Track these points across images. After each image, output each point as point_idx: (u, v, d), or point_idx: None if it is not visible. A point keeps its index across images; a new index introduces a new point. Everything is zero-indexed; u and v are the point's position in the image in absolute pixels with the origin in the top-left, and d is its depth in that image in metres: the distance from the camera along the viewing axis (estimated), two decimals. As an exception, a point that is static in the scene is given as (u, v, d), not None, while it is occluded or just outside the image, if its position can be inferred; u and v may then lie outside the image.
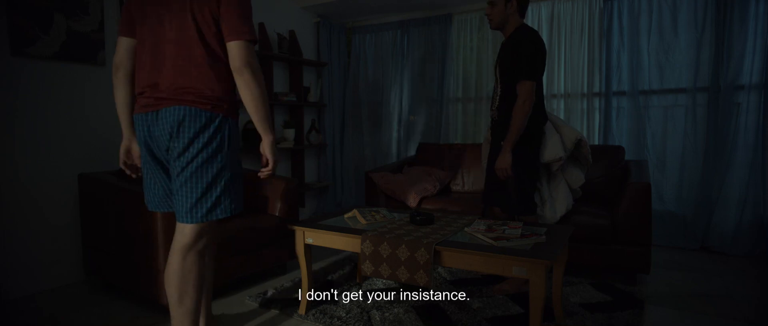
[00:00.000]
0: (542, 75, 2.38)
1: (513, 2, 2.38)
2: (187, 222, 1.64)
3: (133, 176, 1.86)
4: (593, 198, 3.01)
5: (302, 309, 2.26)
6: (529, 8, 3.89)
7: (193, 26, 1.59)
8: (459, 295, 2.45)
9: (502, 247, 1.80)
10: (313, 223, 2.28)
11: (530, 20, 3.90)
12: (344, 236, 2.09)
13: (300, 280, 2.71)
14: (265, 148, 1.73)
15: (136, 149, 1.82)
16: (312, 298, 2.38)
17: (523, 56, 2.29)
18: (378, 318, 2.17)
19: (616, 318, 2.15)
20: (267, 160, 1.75)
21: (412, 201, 3.23)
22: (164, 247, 2.15)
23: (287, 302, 2.40)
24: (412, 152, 4.51)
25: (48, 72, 2.64)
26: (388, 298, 2.42)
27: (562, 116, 3.81)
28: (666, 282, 2.68)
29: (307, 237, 2.21)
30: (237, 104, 1.73)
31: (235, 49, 1.59)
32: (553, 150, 2.48)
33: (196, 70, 1.60)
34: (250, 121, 3.82)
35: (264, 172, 1.76)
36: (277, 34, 4.14)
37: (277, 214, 2.78)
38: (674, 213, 3.47)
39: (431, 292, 2.50)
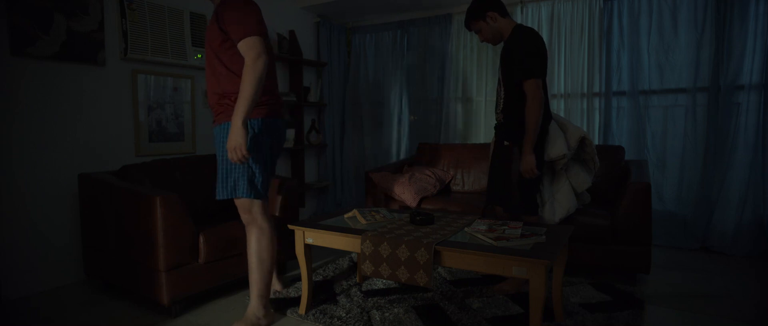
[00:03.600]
0: (545, 72, 2.38)
1: (490, 15, 2.39)
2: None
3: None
4: (593, 198, 3.01)
5: (302, 309, 2.26)
6: (529, 8, 3.90)
7: None
8: (459, 295, 2.45)
9: (502, 247, 1.80)
10: (313, 223, 2.28)
11: (530, 20, 3.90)
12: (344, 236, 2.09)
13: (300, 280, 2.71)
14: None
15: None
16: (312, 298, 2.38)
17: (519, 55, 2.30)
18: (378, 318, 2.17)
19: (616, 318, 2.15)
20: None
21: (412, 201, 3.23)
22: (164, 247, 2.15)
23: (287, 302, 2.40)
24: (412, 152, 4.50)
25: (48, 72, 2.64)
26: (388, 298, 2.42)
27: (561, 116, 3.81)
28: (666, 282, 2.68)
29: (307, 237, 2.21)
30: None
31: None
32: (557, 147, 2.48)
33: None
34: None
35: None
36: (277, 34, 4.14)
37: (276, 214, 2.77)
38: (674, 213, 3.47)
39: (431, 292, 2.50)
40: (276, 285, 2.54)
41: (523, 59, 2.28)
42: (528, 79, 2.27)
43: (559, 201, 2.61)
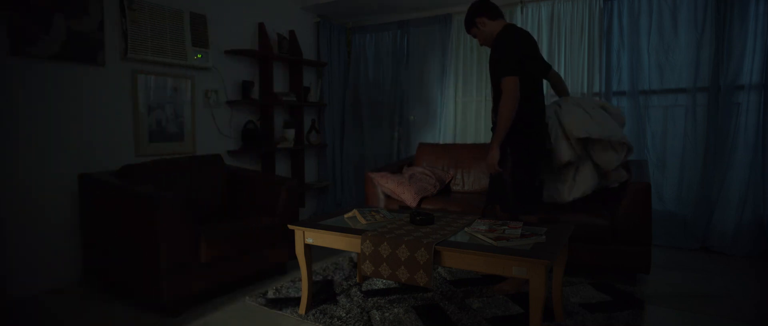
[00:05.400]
0: (534, 68, 2.38)
1: (479, 21, 2.44)
2: None
3: None
4: (593, 198, 3.01)
5: (302, 309, 2.26)
6: (529, 8, 3.90)
7: None
8: (459, 295, 2.45)
9: (502, 247, 1.80)
10: (313, 223, 2.28)
11: (530, 20, 3.90)
12: (344, 236, 2.09)
13: (300, 280, 2.71)
14: None
15: None
16: (312, 298, 2.38)
17: (499, 54, 2.32)
18: (378, 318, 2.17)
19: (616, 318, 2.15)
20: None
21: (412, 201, 3.23)
22: (165, 247, 2.15)
23: (287, 302, 2.40)
24: (412, 152, 4.50)
25: (48, 72, 2.64)
26: (388, 298, 2.42)
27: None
28: (666, 282, 2.68)
29: (307, 237, 2.21)
30: None
31: None
32: (561, 153, 2.48)
33: None
34: (250, 121, 3.82)
35: None
36: (277, 34, 4.14)
37: (276, 215, 2.77)
38: (674, 213, 3.47)
39: (431, 292, 2.50)
40: None
41: (501, 56, 2.30)
42: (505, 77, 2.27)
43: (577, 182, 2.62)
